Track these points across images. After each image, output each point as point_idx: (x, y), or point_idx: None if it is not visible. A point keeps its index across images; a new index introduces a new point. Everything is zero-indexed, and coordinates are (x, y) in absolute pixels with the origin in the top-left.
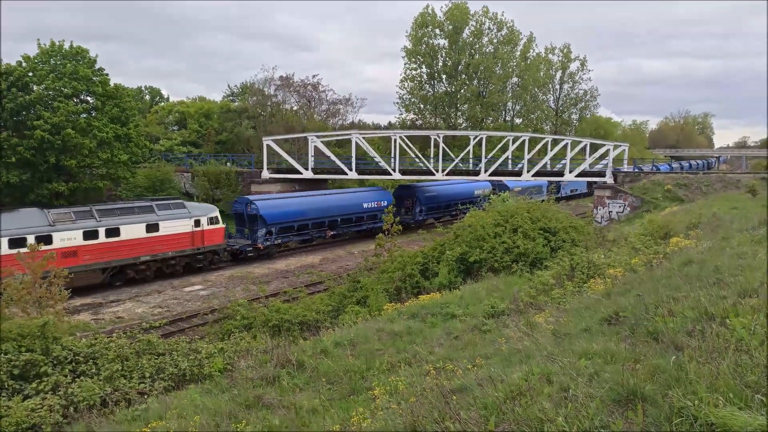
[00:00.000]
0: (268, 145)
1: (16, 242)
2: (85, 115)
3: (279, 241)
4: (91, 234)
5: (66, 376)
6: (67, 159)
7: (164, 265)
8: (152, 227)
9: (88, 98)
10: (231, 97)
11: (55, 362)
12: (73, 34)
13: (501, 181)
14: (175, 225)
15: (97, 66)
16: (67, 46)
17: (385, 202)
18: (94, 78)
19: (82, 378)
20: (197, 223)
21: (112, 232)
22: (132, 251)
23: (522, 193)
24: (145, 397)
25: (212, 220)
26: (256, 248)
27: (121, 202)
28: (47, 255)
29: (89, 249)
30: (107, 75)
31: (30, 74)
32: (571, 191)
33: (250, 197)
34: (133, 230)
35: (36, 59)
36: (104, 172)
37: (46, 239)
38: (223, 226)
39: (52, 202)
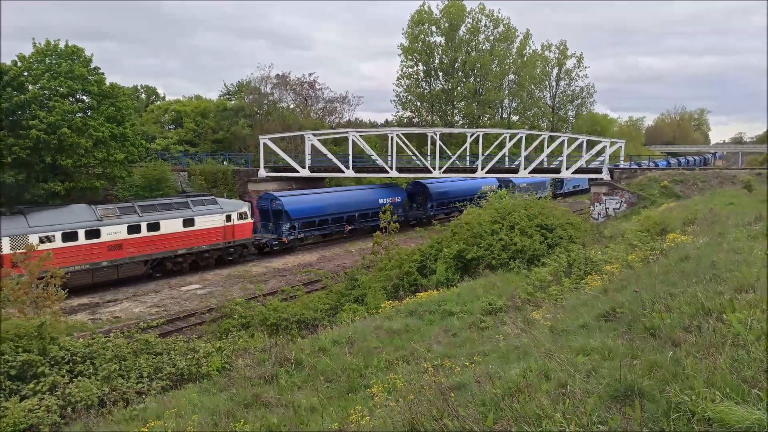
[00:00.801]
0: (264, 144)
1: (69, 236)
2: (80, 115)
3: (302, 235)
4: (134, 228)
5: (63, 376)
6: (63, 158)
7: (199, 258)
8: (188, 222)
9: (84, 97)
10: (227, 96)
11: (52, 362)
12: (69, 33)
13: (507, 177)
14: (208, 220)
15: (92, 65)
16: (62, 45)
17: (399, 198)
18: (89, 77)
19: (79, 378)
20: (228, 218)
21: (153, 226)
22: (170, 244)
23: (526, 189)
24: (143, 396)
25: (242, 215)
26: (281, 242)
27: (160, 198)
28: (44, 255)
29: (133, 242)
30: (103, 74)
31: (25, 74)
32: (574, 187)
33: (275, 193)
34: (171, 225)
35: (31, 58)
36: (100, 171)
37: (95, 233)
38: (251, 221)
39: (48, 202)
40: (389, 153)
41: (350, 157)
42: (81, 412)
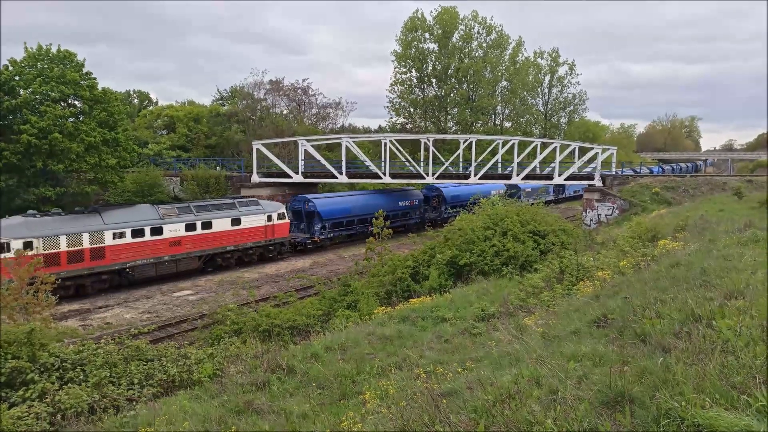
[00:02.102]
0: (257, 149)
1: (137, 233)
2: (72, 120)
3: (331, 234)
4: (191, 226)
5: (53, 383)
6: (54, 163)
7: (244, 255)
8: (235, 221)
9: (76, 102)
10: (220, 101)
11: (41, 369)
12: (60, 36)
13: (515, 183)
14: (252, 220)
15: (84, 70)
16: (54, 49)
17: (417, 201)
18: (81, 82)
19: (69, 385)
20: (269, 218)
21: (206, 225)
22: (221, 241)
23: (532, 193)
24: (134, 403)
25: (280, 216)
26: (313, 240)
27: (211, 199)
28: (33, 261)
29: (190, 239)
30: (95, 79)
31: (17, 78)
32: (574, 192)
33: (308, 196)
34: (221, 224)
35: (23, 63)
36: (92, 176)
37: (158, 230)
38: (288, 221)
39: (39, 207)
40: (382, 159)
41: (344, 163)
42: (71, 419)
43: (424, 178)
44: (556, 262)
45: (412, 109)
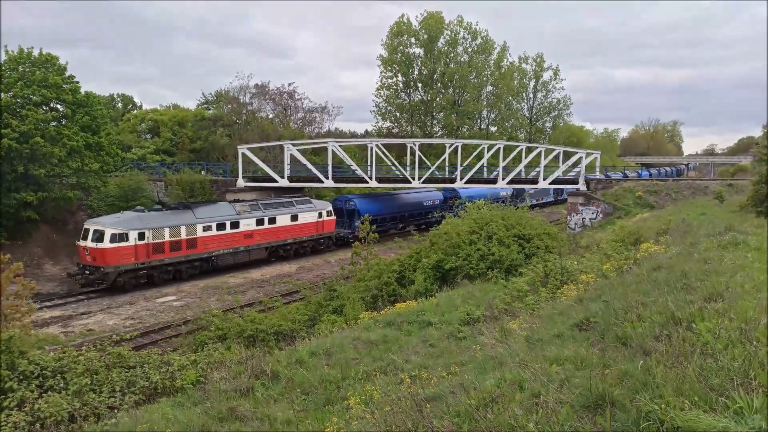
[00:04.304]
0: (243, 154)
1: (220, 226)
2: (54, 124)
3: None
4: (260, 221)
5: (32, 391)
6: (35, 168)
7: (300, 247)
8: (294, 217)
9: (58, 106)
10: (205, 105)
11: (21, 377)
12: (41, 39)
13: (521, 186)
14: (306, 216)
15: (67, 73)
16: (36, 52)
17: (438, 201)
18: (64, 85)
19: (49, 393)
20: (320, 215)
21: (272, 220)
22: (283, 235)
23: (535, 195)
24: (115, 411)
25: (328, 213)
26: (355, 236)
27: (276, 198)
28: (13, 267)
29: (259, 233)
30: (78, 82)
31: None
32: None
33: (349, 196)
34: (283, 219)
35: (4, 66)
36: (74, 181)
37: (236, 224)
38: (335, 217)
39: (20, 212)
40: (369, 163)
41: (330, 167)
42: (50, 428)
43: (410, 182)
44: (541, 265)
45: (398, 114)
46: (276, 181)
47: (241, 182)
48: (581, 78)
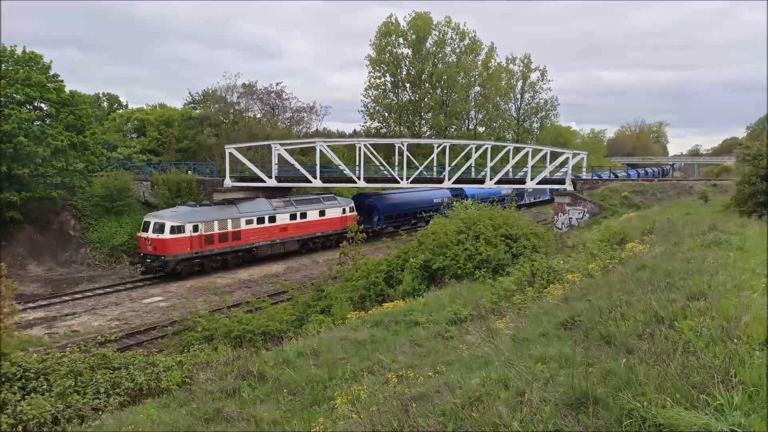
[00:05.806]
0: (230, 153)
1: (260, 220)
2: (38, 123)
3: (384, 225)
4: (293, 216)
5: (15, 393)
6: (19, 168)
7: (326, 240)
8: (322, 213)
9: (42, 105)
10: (192, 105)
11: (3, 379)
12: (30, 41)
13: (522, 187)
14: (332, 212)
15: (52, 72)
16: (19, 51)
17: (446, 198)
18: (48, 84)
19: (32, 395)
20: (344, 210)
21: (303, 215)
22: (312, 229)
23: (533, 193)
24: (100, 413)
25: (351, 209)
26: (373, 231)
27: (305, 195)
28: None
29: (293, 226)
30: (62, 81)
31: None
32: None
33: (368, 193)
34: (313, 214)
35: None
36: (59, 181)
37: (273, 219)
38: (356, 213)
39: (4, 212)
40: (357, 163)
41: (318, 167)
42: (33, 430)
43: (398, 182)
44: (528, 265)
45: (386, 114)
46: (264, 181)
47: (228, 182)
48: (570, 80)
